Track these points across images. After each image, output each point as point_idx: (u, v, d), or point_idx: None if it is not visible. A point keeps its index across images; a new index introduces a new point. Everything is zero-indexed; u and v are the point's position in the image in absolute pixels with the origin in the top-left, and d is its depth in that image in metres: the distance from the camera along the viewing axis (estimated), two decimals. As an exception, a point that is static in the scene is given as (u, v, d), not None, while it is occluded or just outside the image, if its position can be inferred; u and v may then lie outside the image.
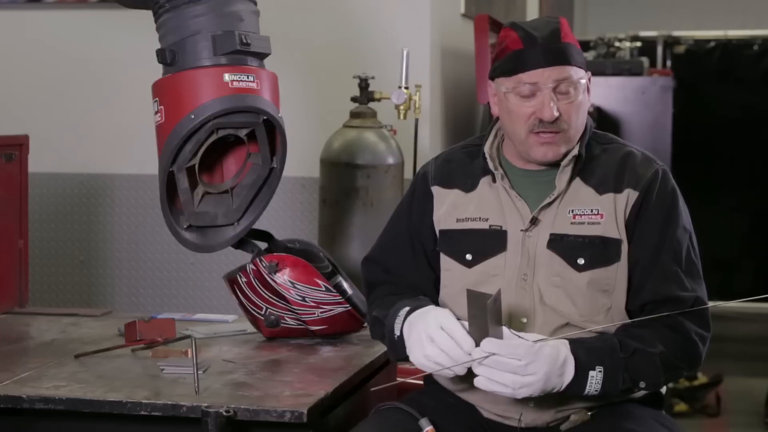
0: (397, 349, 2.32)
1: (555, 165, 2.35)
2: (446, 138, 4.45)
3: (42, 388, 2.42)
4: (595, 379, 2.19)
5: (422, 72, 4.04)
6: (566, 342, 2.19)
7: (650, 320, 2.25)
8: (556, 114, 2.27)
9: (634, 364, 2.22)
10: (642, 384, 2.25)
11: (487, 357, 2.11)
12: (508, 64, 2.32)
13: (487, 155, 2.40)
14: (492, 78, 2.38)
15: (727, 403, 5.97)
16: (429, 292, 2.45)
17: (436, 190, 2.45)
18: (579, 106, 2.31)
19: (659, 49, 8.17)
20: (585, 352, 2.19)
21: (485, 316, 2.12)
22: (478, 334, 2.15)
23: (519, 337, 2.15)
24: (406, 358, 2.29)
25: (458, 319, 2.22)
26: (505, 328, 2.15)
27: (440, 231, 2.43)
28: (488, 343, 2.12)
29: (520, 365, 2.10)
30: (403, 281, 2.47)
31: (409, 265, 2.47)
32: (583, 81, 2.32)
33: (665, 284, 2.29)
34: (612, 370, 2.20)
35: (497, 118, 2.40)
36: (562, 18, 2.36)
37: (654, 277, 2.30)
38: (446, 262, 2.41)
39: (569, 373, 2.17)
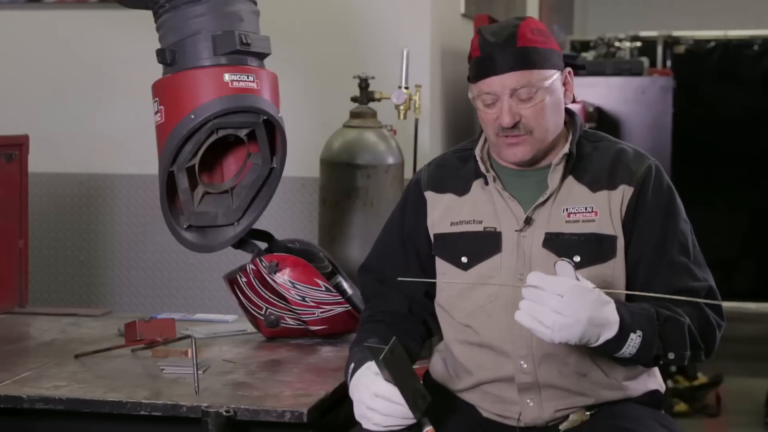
0: None
1: (546, 165, 2.36)
2: (446, 138, 4.45)
3: (42, 388, 2.42)
4: (633, 342, 2.15)
5: (422, 72, 4.04)
6: (612, 300, 2.15)
7: (670, 301, 2.24)
8: (515, 120, 2.28)
9: (666, 332, 2.20)
10: (671, 355, 2.22)
11: (529, 287, 2.08)
12: (471, 71, 2.34)
13: (478, 158, 2.40)
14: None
15: (727, 403, 5.97)
16: (420, 299, 2.47)
17: (429, 195, 2.46)
18: (543, 109, 2.29)
19: (659, 49, 8.17)
20: (629, 314, 2.16)
21: (383, 370, 2.11)
22: (394, 383, 2.12)
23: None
24: None
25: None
26: (564, 263, 2.11)
27: (435, 235, 2.43)
28: (534, 276, 2.09)
29: (562, 302, 2.06)
30: (394, 290, 2.47)
31: (401, 272, 2.46)
32: (549, 82, 2.30)
33: (677, 277, 2.29)
34: (649, 337, 2.17)
35: None
36: (527, 19, 2.34)
37: (664, 271, 2.30)
38: (442, 266, 2.42)
39: (612, 329, 2.12)
